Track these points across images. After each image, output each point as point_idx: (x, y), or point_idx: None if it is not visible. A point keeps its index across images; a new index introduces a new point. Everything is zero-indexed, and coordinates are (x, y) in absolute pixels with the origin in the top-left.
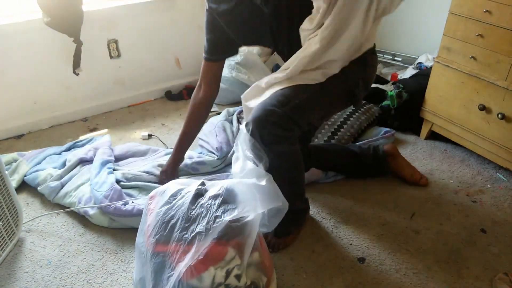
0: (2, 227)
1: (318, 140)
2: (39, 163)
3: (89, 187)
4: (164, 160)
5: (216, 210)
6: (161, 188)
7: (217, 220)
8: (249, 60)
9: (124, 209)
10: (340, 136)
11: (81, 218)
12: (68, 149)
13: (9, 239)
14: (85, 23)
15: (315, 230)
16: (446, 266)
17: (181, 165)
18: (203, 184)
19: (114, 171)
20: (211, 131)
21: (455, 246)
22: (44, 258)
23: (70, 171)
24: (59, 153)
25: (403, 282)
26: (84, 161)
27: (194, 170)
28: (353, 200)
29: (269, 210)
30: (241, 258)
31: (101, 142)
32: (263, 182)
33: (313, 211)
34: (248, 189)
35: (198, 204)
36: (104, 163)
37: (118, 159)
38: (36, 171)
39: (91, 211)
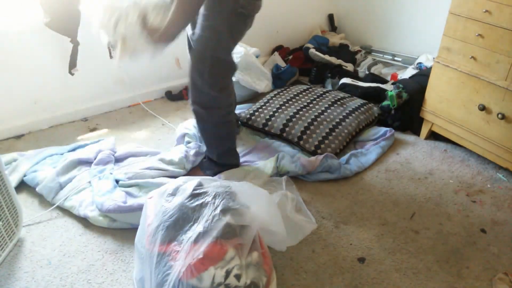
0: (2, 227)
1: (313, 141)
2: (39, 162)
3: (91, 193)
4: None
5: (215, 210)
6: (161, 188)
7: (217, 219)
8: (247, 62)
9: (125, 205)
10: (338, 133)
11: (81, 218)
12: (73, 150)
13: (9, 239)
14: (86, 23)
15: (315, 230)
16: (446, 266)
17: (177, 159)
18: (201, 184)
19: (115, 171)
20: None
21: (455, 246)
22: (44, 258)
23: (68, 171)
24: (61, 154)
25: (403, 282)
26: (83, 162)
27: (191, 163)
28: (353, 200)
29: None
30: (240, 258)
31: (105, 144)
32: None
33: (313, 211)
34: (249, 190)
35: (197, 204)
36: (104, 163)
37: (118, 160)
38: (36, 171)
39: (91, 214)
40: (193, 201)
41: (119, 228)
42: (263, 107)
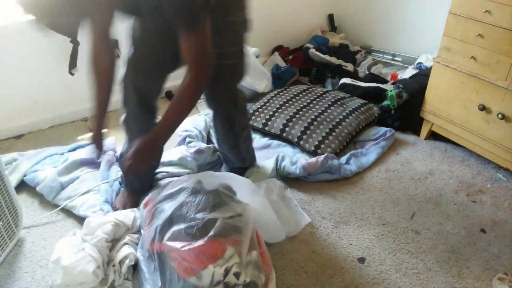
0: (2, 227)
1: (313, 141)
2: (39, 162)
3: (94, 196)
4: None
5: (213, 208)
6: (157, 190)
7: (215, 218)
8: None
9: None
10: (338, 133)
11: (81, 219)
12: (73, 150)
13: (9, 239)
14: (85, 23)
15: (315, 230)
16: (446, 266)
17: (176, 159)
18: (198, 182)
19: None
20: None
21: (455, 246)
22: (44, 258)
23: (70, 171)
24: (62, 154)
25: (403, 282)
26: (85, 163)
27: (195, 161)
28: (353, 200)
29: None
30: (240, 256)
31: (105, 144)
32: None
33: (313, 211)
34: (246, 186)
35: (195, 202)
36: (110, 164)
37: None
38: (36, 171)
39: (92, 215)
40: (191, 200)
41: None
42: (263, 107)
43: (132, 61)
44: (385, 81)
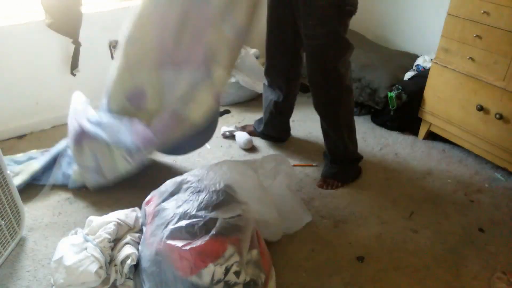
0: (4, 226)
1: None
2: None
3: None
4: None
5: (214, 207)
6: (160, 187)
7: (215, 216)
8: (247, 62)
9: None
10: None
11: (83, 218)
12: None
13: (11, 238)
14: (87, 24)
15: (314, 229)
16: (445, 265)
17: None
18: (200, 180)
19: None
20: None
21: (453, 245)
22: (46, 257)
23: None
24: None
25: (401, 281)
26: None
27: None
28: (352, 200)
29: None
30: (240, 255)
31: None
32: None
33: (313, 210)
34: (247, 186)
35: (196, 201)
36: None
37: None
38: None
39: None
40: (192, 199)
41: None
42: None
43: None
44: None
